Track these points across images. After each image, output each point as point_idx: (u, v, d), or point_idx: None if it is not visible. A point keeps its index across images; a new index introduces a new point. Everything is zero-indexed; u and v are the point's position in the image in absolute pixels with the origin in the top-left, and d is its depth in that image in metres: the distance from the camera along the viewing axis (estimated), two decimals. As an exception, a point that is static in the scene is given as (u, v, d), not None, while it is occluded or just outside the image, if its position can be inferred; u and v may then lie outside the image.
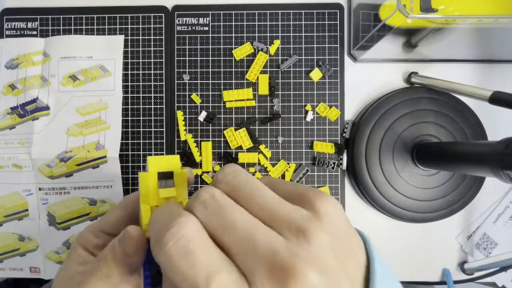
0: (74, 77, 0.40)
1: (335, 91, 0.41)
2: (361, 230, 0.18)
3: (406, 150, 0.38)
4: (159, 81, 0.41)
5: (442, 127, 0.38)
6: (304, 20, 0.41)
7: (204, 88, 0.41)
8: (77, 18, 0.41)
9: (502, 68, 0.41)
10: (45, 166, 0.39)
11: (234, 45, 0.41)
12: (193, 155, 0.40)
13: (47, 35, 0.41)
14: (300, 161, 0.41)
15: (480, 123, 0.39)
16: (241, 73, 0.41)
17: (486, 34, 0.35)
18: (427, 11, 0.31)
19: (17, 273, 0.41)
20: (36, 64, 0.41)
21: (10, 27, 0.42)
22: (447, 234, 0.41)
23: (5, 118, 0.40)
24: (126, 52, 0.41)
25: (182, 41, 0.41)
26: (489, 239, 0.40)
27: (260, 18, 0.41)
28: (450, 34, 0.35)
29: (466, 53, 0.40)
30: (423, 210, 0.38)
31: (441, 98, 0.39)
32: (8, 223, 0.40)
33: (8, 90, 0.41)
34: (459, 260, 0.41)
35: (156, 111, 0.41)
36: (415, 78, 0.40)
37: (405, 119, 0.38)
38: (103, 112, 0.40)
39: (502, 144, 0.26)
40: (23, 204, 0.40)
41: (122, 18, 0.41)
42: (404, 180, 0.38)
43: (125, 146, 0.41)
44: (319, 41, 0.41)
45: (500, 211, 0.41)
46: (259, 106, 0.41)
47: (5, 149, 0.40)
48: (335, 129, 0.41)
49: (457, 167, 0.32)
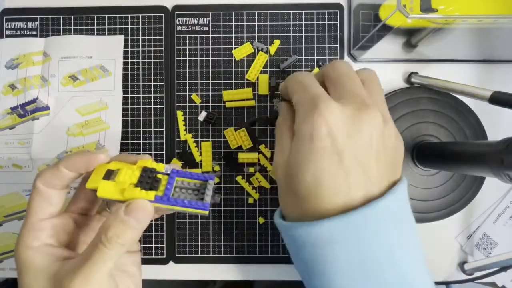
0: (74, 77, 0.40)
1: (335, 91, 0.41)
2: None
3: (406, 150, 0.38)
4: (159, 81, 0.41)
5: (442, 127, 0.38)
6: (304, 20, 0.41)
7: (204, 88, 0.41)
8: (77, 18, 0.41)
9: (502, 68, 0.41)
10: (45, 166, 0.39)
11: (234, 45, 0.41)
12: (193, 155, 0.40)
13: (47, 35, 0.41)
14: (300, 161, 0.40)
15: (480, 123, 0.39)
16: (241, 73, 0.41)
17: (486, 34, 0.35)
18: (427, 11, 0.31)
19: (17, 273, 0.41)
20: (36, 64, 0.41)
21: (10, 27, 0.42)
22: (447, 234, 0.41)
23: (5, 118, 0.40)
24: (126, 52, 0.41)
25: (182, 41, 0.41)
26: (489, 239, 0.40)
27: (260, 18, 0.41)
28: (450, 34, 0.35)
29: (466, 53, 0.40)
30: (423, 210, 0.38)
31: (441, 98, 0.39)
32: (8, 223, 0.40)
33: (8, 90, 0.41)
34: (459, 260, 0.41)
35: (156, 111, 0.41)
36: (415, 78, 0.40)
37: (405, 119, 0.38)
38: (103, 112, 0.40)
39: (502, 144, 0.26)
40: (23, 204, 0.40)
41: (122, 18, 0.41)
42: (404, 180, 0.38)
43: (125, 146, 0.41)
44: (319, 41, 0.41)
45: (500, 211, 0.41)
46: (259, 106, 0.41)
47: (5, 149, 0.40)
48: (335, 129, 0.41)
49: (457, 167, 0.32)
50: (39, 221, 0.26)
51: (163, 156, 0.40)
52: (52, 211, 0.27)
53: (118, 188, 0.25)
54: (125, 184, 0.25)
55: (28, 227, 0.26)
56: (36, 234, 0.25)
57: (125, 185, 0.25)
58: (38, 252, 0.25)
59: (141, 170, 0.27)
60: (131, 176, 0.26)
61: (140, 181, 0.26)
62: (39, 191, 0.26)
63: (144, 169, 0.27)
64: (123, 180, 0.26)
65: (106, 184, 0.26)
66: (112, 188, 0.25)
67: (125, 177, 0.26)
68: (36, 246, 0.25)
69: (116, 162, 0.28)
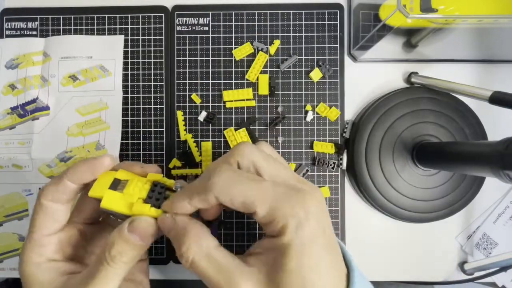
0: (74, 77, 0.40)
1: (335, 91, 0.41)
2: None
3: (406, 150, 0.38)
4: (159, 81, 0.41)
5: (442, 127, 0.38)
6: (304, 20, 0.41)
7: (204, 88, 0.41)
8: (77, 18, 0.41)
9: (502, 68, 0.41)
10: (45, 166, 0.39)
11: (234, 45, 0.41)
12: (193, 155, 0.40)
13: (47, 35, 0.41)
14: (300, 161, 0.41)
15: (480, 123, 0.39)
16: (241, 73, 0.41)
17: (486, 34, 0.35)
18: (427, 11, 0.31)
19: (17, 273, 0.41)
20: (36, 64, 0.41)
21: (10, 27, 0.42)
22: (447, 234, 0.41)
23: (5, 118, 0.40)
24: (126, 52, 0.41)
25: (182, 41, 0.41)
26: (489, 239, 0.40)
27: (260, 18, 0.41)
28: (450, 34, 0.35)
29: (466, 53, 0.40)
30: (423, 210, 0.38)
31: (441, 98, 0.39)
32: (8, 223, 0.40)
33: (8, 90, 0.41)
34: (459, 260, 0.41)
35: (156, 111, 0.41)
36: (415, 78, 0.40)
37: (405, 119, 0.38)
38: (103, 112, 0.40)
39: (502, 144, 0.26)
40: (23, 204, 0.40)
41: (122, 18, 0.41)
42: (404, 180, 0.38)
43: (125, 146, 0.41)
44: (319, 41, 0.41)
45: (500, 211, 0.41)
46: (259, 106, 0.41)
47: (5, 149, 0.40)
48: (335, 129, 0.41)
49: (457, 167, 0.32)
50: (43, 237, 0.25)
51: (163, 156, 0.40)
52: (56, 226, 0.26)
53: (126, 201, 0.24)
54: (134, 197, 0.24)
55: (32, 243, 0.25)
56: (40, 250, 0.25)
57: (133, 198, 0.24)
58: (41, 268, 0.24)
59: (151, 184, 0.25)
60: (141, 190, 0.24)
61: (149, 196, 0.24)
62: (43, 207, 0.25)
63: (154, 183, 0.25)
64: (133, 193, 0.24)
65: (113, 195, 0.24)
66: (119, 200, 0.24)
67: (135, 190, 0.24)
68: (39, 262, 0.25)
69: (124, 172, 0.26)
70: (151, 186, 0.25)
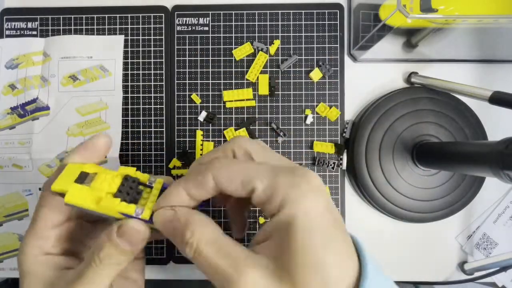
0: (74, 77, 0.40)
1: (335, 91, 0.41)
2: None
3: (406, 150, 0.38)
4: (159, 81, 0.41)
5: (442, 127, 0.38)
6: (304, 20, 0.41)
7: (204, 88, 0.41)
8: (77, 18, 0.41)
9: (502, 68, 0.41)
10: (45, 166, 0.39)
11: (234, 45, 0.41)
12: (194, 155, 0.40)
13: (47, 35, 0.41)
14: (300, 161, 0.41)
15: (480, 123, 0.39)
16: (241, 73, 0.41)
17: (486, 34, 0.35)
18: (427, 11, 0.31)
19: (17, 273, 0.41)
20: (36, 64, 0.41)
21: (10, 27, 0.42)
22: (447, 234, 0.41)
23: (5, 118, 0.40)
24: (126, 52, 0.41)
25: (182, 41, 0.41)
26: (489, 239, 0.40)
27: (260, 18, 0.41)
28: (450, 34, 0.35)
29: (466, 53, 0.40)
30: (423, 210, 0.38)
31: (441, 98, 0.39)
32: (8, 223, 0.40)
33: (8, 90, 0.41)
34: (459, 260, 0.41)
35: (156, 111, 0.41)
36: (415, 78, 0.40)
37: (405, 119, 0.38)
38: (103, 112, 0.40)
39: (502, 144, 0.26)
40: (23, 204, 0.40)
41: (122, 18, 0.41)
42: (404, 180, 0.38)
43: (125, 146, 0.41)
44: (319, 41, 0.41)
45: (500, 211, 0.41)
46: (259, 106, 0.41)
47: (5, 149, 0.40)
48: (335, 129, 0.41)
49: (457, 167, 0.32)
50: (44, 230, 0.25)
51: (163, 156, 0.40)
52: (60, 219, 0.25)
53: (93, 195, 0.22)
54: (102, 191, 0.22)
55: (32, 235, 0.25)
56: (39, 243, 0.25)
57: (102, 193, 0.22)
58: (38, 261, 0.24)
59: (122, 178, 0.23)
60: (111, 184, 0.22)
61: (120, 190, 0.22)
62: (47, 200, 0.25)
63: (125, 177, 0.23)
64: (101, 187, 0.22)
65: (78, 189, 0.22)
66: (86, 194, 0.22)
67: (103, 184, 0.22)
68: (37, 254, 0.25)
69: (92, 165, 0.24)
70: (122, 180, 0.23)
